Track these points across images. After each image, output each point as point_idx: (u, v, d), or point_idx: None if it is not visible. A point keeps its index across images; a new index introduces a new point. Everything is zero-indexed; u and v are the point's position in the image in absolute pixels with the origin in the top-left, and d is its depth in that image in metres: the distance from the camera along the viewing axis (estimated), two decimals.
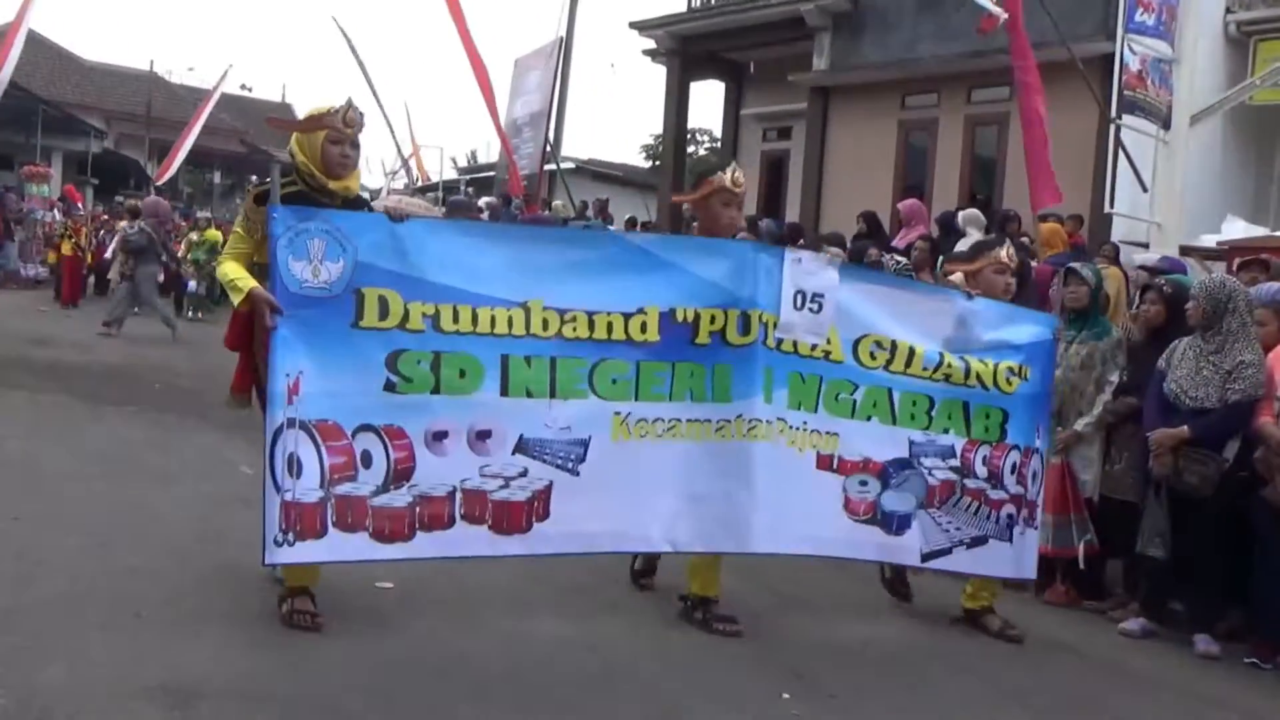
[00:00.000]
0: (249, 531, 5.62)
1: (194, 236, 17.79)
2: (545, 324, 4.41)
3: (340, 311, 4.17)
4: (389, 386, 4.22)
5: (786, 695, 4.25)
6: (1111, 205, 10.71)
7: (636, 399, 4.56)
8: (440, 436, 4.29)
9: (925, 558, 5.11)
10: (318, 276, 4.11)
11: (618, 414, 4.53)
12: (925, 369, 4.97)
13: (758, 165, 18.94)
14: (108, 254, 17.67)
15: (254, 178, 34.94)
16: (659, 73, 19.14)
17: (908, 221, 10.84)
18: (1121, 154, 10.42)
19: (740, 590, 5.68)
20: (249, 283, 4.21)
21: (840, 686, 4.44)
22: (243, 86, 38.16)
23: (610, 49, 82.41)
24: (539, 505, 4.43)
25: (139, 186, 25.82)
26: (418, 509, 4.25)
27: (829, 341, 4.81)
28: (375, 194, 26.03)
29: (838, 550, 5.05)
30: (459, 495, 4.32)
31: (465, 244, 4.48)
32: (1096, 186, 11.81)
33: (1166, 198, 10.46)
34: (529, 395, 4.41)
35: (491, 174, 21.92)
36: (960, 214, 11.14)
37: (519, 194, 16.14)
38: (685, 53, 18.51)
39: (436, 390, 4.29)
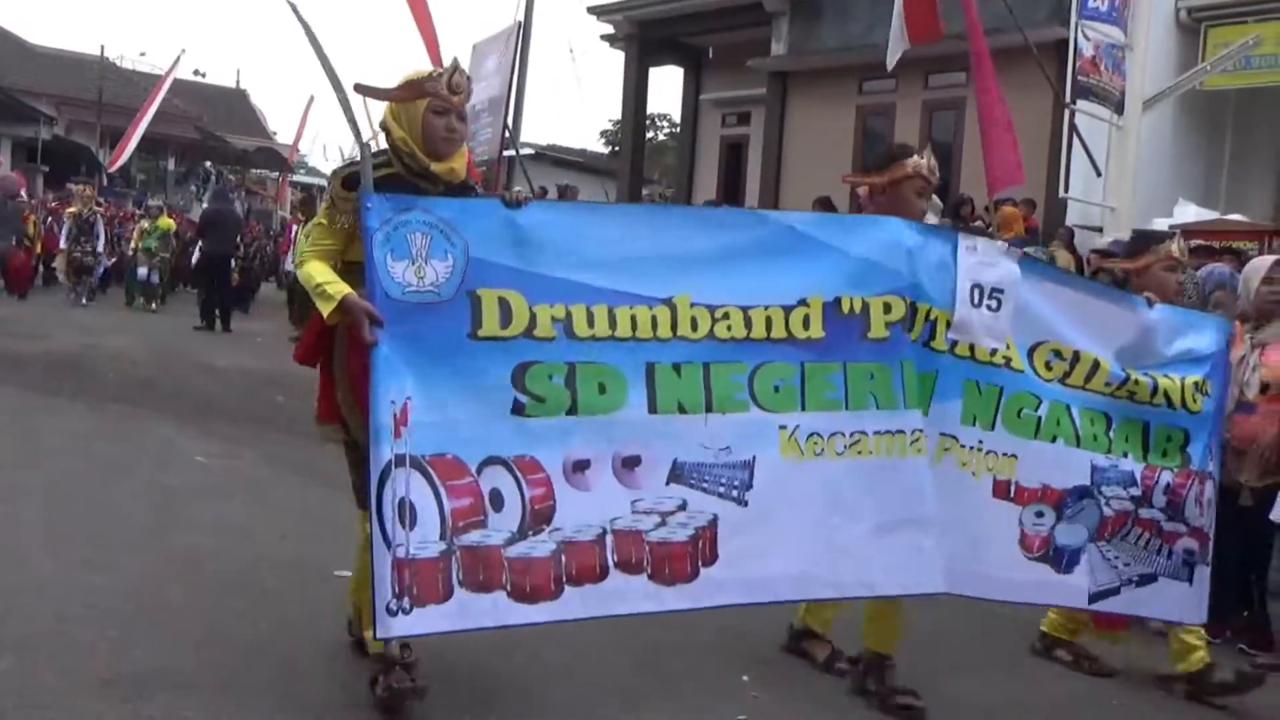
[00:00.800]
0: (204, 522, 5.65)
1: (145, 224, 17.50)
2: (694, 323, 3.70)
3: (453, 320, 3.44)
4: (518, 409, 3.49)
5: (746, 678, 4.28)
6: (1066, 190, 10.84)
7: (804, 409, 3.82)
8: (582, 467, 3.56)
9: (1093, 598, 4.41)
10: (423, 278, 3.39)
11: (783, 428, 3.79)
12: (1109, 385, 4.30)
13: (717, 150, 18.98)
14: (61, 243, 17.46)
15: (208, 163, 34.73)
16: (618, 58, 19.11)
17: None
18: (1075, 139, 10.53)
19: None
20: (340, 289, 3.43)
21: (797, 669, 4.49)
22: (196, 72, 37.77)
23: (569, 34, 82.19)
24: (705, 546, 3.68)
25: (90, 174, 25.41)
26: (563, 558, 3.50)
27: (1008, 346, 4.12)
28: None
29: (1002, 593, 4.29)
30: (610, 538, 3.56)
31: (594, 230, 3.75)
32: (1051, 171, 11.92)
33: (1119, 182, 10.60)
34: (681, 411, 3.68)
35: None
36: None
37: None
38: (643, 38, 18.47)
39: (574, 410, 3.56)
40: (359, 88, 3.88)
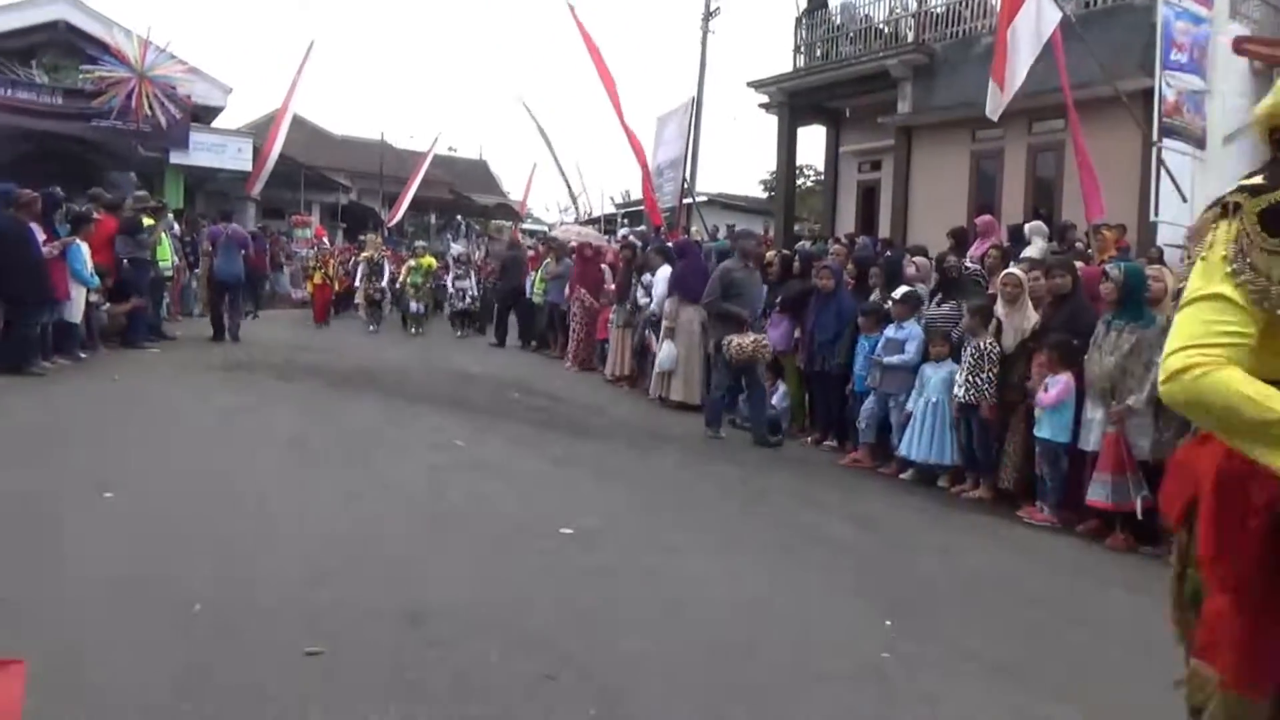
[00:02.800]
0: (463, 490, 5.79)
1: (412, 263, 17.70)
2: None
3: None
4: None
5: (889, 622, 4.15)
6: (1156, 214, 10.18)
7: None
8: None
9: None
10: None
11: None
12: None
13: (854, 192, 18.59)
14: (357, 281, 18.11)
15: (459, 217, 36.00)
16: (771, 121, 18.92)
17: (982, 234, 10.44)
18: (1164, 171, 9.89)
19: (853, 534, 5.58)
20: None
21: (935, 614, 4.32)
22: (449, 148, 39.03)
23: (732, 104, 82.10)
24: None
25: (375, 228, 26.72)
26: None
27: None
28: (551, 228, 26.54)
29: None
30: None
31: None
32: (1142, 198, 11.23)
33: (1204, 207, 9.91)
34: None
35: (641, 208, 22.02)
36: (1026, 226, 10.72)
37: (657, 223, 16.19)
38: (792, 104, 18.25)
39: None
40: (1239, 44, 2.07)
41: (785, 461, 7.86)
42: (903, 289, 8.09)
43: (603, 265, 13.84)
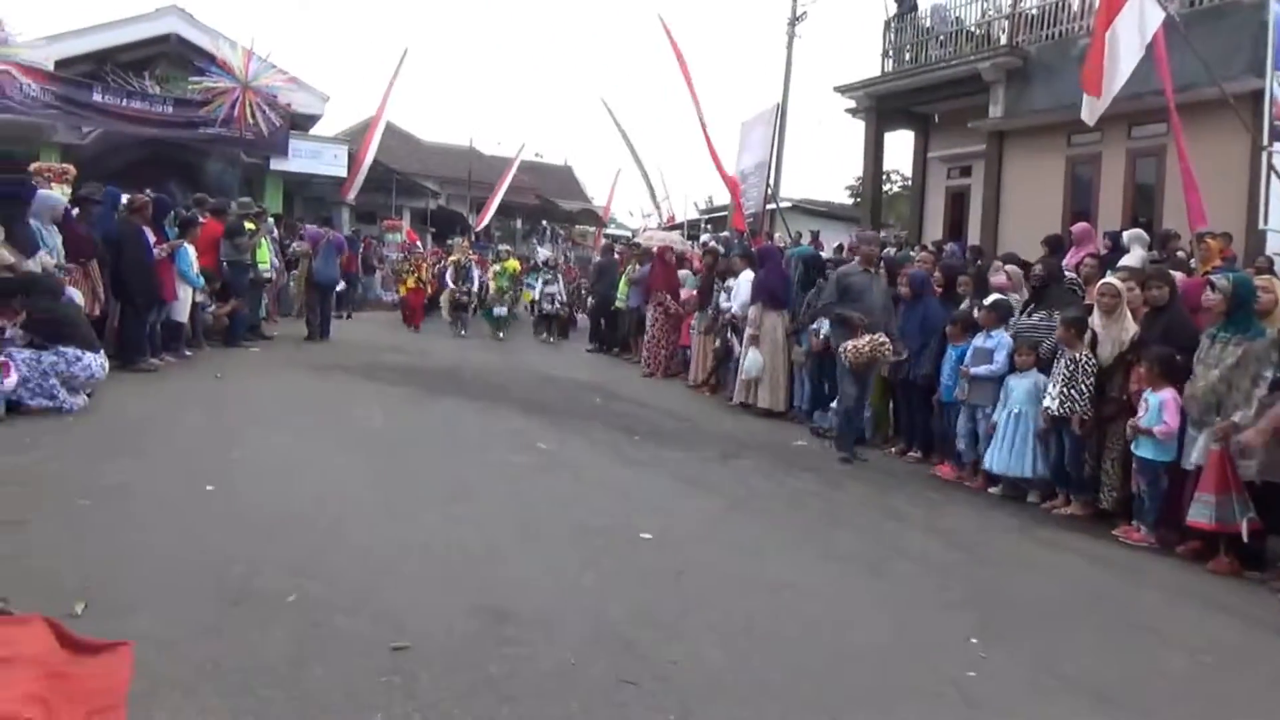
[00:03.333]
0: (547, 494, 5.84)
1: (496, 267, 17.85)
2: None
3: None
4: None
5: (974, 640, 4.03)
6: (1265, 222, 9.70)
7: None
8: None
9: None
10: None
11: None
12: None
13: (943, 198, 18.21)
14: (448, 282, 18.01)
15: (544, 222, 36.43)
16: (858, 126, 18.65)
17: (1078, 242, 10.11)
18: (1274, 177, 9.42)
19: (937, 548, 5.48)
20: None
21: (1022, 633, 4.19)
22: (536, 155, 39.37)
23: (818, 109, 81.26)
24: None
25: (463, 233, 27.18)
26: None
27: None
28: (635, 233, 26.62)
29: None
30: None
31: None
32: (1251, 205, 10.71)
33: None
34: None
35: (724, 214, 21.94)
36: (1125, 233, 10.34)
37: (741, 229, 16.11)
38: (880, 109, 17.98)
39: None
40: None
41: (869, 472, 7.73)
42: (993, 296, 7.87)
43: (681, 271, 13.83)
